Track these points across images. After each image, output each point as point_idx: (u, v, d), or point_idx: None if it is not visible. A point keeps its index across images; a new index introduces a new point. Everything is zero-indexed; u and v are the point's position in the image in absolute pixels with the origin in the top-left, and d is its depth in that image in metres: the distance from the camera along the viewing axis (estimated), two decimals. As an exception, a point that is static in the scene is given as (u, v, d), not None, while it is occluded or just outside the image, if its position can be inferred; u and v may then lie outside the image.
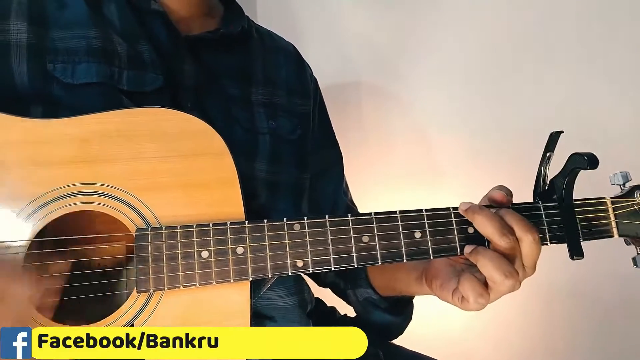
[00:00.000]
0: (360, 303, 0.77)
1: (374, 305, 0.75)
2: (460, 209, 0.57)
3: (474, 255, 0.54)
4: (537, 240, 0.54)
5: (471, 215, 0.55)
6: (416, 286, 0.67)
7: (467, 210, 0.56)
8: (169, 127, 0.55)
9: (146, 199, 0.53)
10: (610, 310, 1.12)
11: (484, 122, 1.18)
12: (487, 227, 0.54)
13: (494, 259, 0.53)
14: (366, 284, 0.76)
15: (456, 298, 0.58)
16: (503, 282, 0.53)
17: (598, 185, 0.61)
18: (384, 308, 0.75)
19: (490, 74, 1.18)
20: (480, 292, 0.54)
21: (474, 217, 0.55)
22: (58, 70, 0.59)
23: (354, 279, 0.78)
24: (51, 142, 0.52)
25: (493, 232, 0.53)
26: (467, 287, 0.55)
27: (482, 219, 0.54)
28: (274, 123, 0.72)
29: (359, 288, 0.77)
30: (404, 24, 1.21)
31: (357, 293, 0.77)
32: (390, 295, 0.75)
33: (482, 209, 0.55)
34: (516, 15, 1.15)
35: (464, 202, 0.57)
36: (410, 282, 0.68)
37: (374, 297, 0.75)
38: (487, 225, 0.54)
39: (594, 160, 0.56)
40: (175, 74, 0.65)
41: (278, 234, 0.54)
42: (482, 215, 0.54)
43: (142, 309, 0.52)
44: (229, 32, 0.71)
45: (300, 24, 1.25)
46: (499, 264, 0.53)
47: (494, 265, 0.53)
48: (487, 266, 0.53)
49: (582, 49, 1.11)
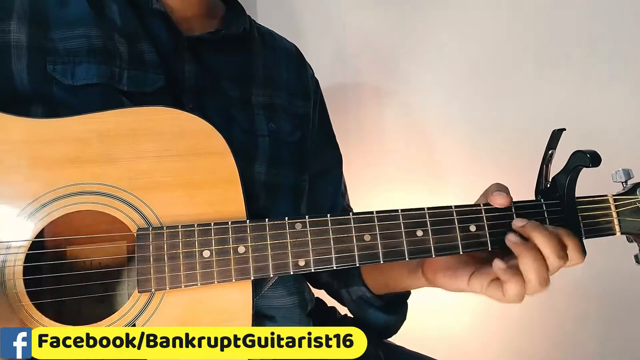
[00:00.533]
0: (354, 302, 0.77)
1: (368, 304, 0.75)
2: (514, 225, 0.55)
3: (519, 249, 0.53)
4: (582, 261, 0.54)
5: (529, 232, 0.54)
6: (409, 280, 0.67)
7: (524, 226, 0.55)
8: (169, 126, 0.55)
9: (147, 198, 0.53)
10: (613, 308, 1.12)
11: (484, 121, 1.18)
12: (546, 247, 0.52)
13: (538, 261, 0.52)
14: (360, 282, 0.75)
15: (478, 283, 0.56)
16: (536, 286, 0.52)
17: (600, 182, 0.60)
18: (378, 306, 0.74)
19: (491, 73, 1.18)
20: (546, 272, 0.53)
21: (533, 235, 0.53)
22: (58, 72, 0.59)
23: (347, 278, 0.77)
24: (52, 142, 0.52)
25: (550, 253, 0.52)
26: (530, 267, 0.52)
27: (542, 238, 0.53)
28: (273, 125, 0.71)
29: (352, 286, 0.76)
30: (404, 24, 1.21)
31: (351, 292, 0.77)
32: (384, 292, 0.74)
33: (542, 227, 0.54)
34: (516, 15, 1.15)
35: (519, 218, 0.56)
36: (403, 277, 0.68)
37: (367, 296, 0.74)
38: (546, 245, 0.52)
39: (597, 157, 0.56)
40: (176, 75, 0.65)
41: (279, 232, 0.53)
42: (542, 234, 0.53)
43: (143, 309, 0.51)
44: (230, 33, 0.71)
45: (300, 23, 1.25)
46: (539, 270, 0.52)
47: (536, 270, 0.52)
48: (529, 267, 0.52)
49: (583, 48, 1.11)
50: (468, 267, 0.59)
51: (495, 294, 0.55)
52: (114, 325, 0.51)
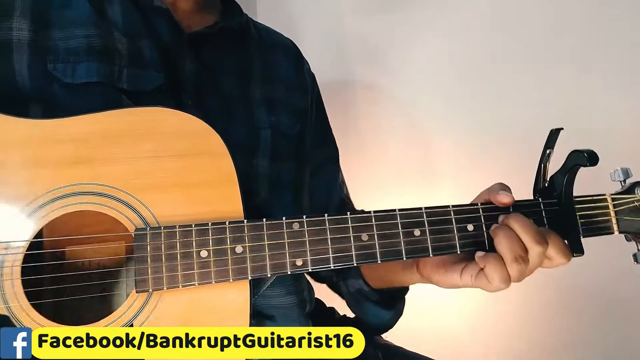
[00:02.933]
0: (351, 294, 0.77)
1: (365, 297, 0.75)
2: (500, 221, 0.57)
3: (482, 261, 0.55)
4: (545, 252, 0.55)
5: (507, 220, 0.56)
6: (403, 275, 0.67)
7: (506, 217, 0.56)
8: (167, 126, 0.55)
9: (145, 198, 0.53)
10: (611, 307, 1.12)
11: (481, 121, 1.18)
12: (520, 228, 0.54)
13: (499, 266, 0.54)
14: (357, 275, 0.75)
15: (468, 275, 0.57)
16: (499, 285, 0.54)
17: (598, 181, 0.60)
18: (375, 300, 0.74)
19: (489, 73, 1.18)
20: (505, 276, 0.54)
21: (508, 221, 0.55)
22: (58, 70, 0.59)
23: (346, 270, 0.77)
24: (51, 143, 0.52)
25: (525, 233, 0.54)
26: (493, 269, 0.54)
27: (517, 221, 0.55)
28: (274, 118, 0.72)
29: (350, 279, 0.77)
30: (401, 23, 1.21)
31: (349, 284, 0.77)
32: (381, 286, 0.74)
33: (520, 216, 0.56)
34: (516, 15, 1.15)
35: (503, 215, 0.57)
36: (397, 271, 0.68)
37: (365, 289, 0.74)
38: (521, 226, 0.54)
39: (594, 157, 0.56)
40: (176, 72, 0.65)
41: (277, 232, 0.53)
42: (517, 218, 0.55)
43: (141, 309, 0.52)
44: (228, 25, 0.71)
45: (298, 23, 1.26)
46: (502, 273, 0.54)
47: (500, 278, 0.54)
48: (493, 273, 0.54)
49: (582, 47, 1.10)
50: (461, 262, 0.59)
51: (482, 283, 0.56)
52: (112, 325, 0.51)
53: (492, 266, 0.54)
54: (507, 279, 0.54)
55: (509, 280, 0.54)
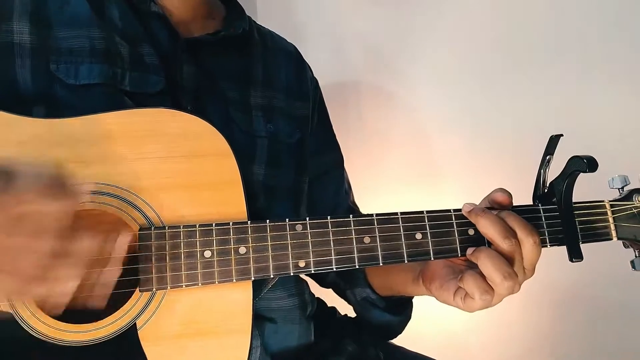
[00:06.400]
0: (358, 303, 0.78)
1: (372, 305, 0.76)
2: (463, 211, 0.57)
3: (475, 255, 0.55)
4: (538, 243, 0.55)
5: (474, 217, 0.56)
6: (412, 287, 0.68)
7: (470, 212, 0.57)
8: (172, 127, 0.55)
9: (149, 198, 0.53)
10: (609, 313, 1.13)
11: (484, 124, 1.19)
12: (489, 230, 0.55)
13: (494, 258, 0.53)
14: (364, 284, 0.76)
15: (459, 298, 0.58)
16: (502, 282, 0.53)
17: (597, 188, 0.61)
18: (383, 307, 0.75)
19: (491, 75, 1.18)
20: (485, 288, 0.54)
21: (477, 219, 0.56)
22: (61, 71, 0.59)
23: (352, 279, 0.78)
24: (56, 142, 0.53)
25: (495, 235, 0.54)
26: (472, 284, 0.54)
27: (485, 222, 0.55)
28: (272, 127, 0.72)
29: (357, 288, 0.77)
30: (404, 24, 1.21)
31: (356, 293, 0.77)
32: (389, 295, 0.75)
33: (485, 211, 0.56)
34: (517, 16, 1.16)
35: (467, 203, 0.58)
36: (407, 283, 0.69)
37: (372, 297, 0.75)
38: (489, 227, 0.55)
39: (594, 163, 0.56)
40: (175, 77, 0.65)
41: (280, 234, 0.54)
42: (485, 218, 0.55)
43: (144, 308, 0.52)
44: (230, 34, 0.71)
45: (300, 24, 1.26)
46: (499, 265, 0.53)
47: (494, 266, 0.53)
48: (487, 266, 0.53)
49: (583, 51, 1.11)
50: (455, 278, 0.59)
51: (468, 303, 0.57)
52: (115, 324, 0.51)
53: (469, 277, 0.55)
54: (484, 290, 0.54)
55: (490, 291, 0.54)
